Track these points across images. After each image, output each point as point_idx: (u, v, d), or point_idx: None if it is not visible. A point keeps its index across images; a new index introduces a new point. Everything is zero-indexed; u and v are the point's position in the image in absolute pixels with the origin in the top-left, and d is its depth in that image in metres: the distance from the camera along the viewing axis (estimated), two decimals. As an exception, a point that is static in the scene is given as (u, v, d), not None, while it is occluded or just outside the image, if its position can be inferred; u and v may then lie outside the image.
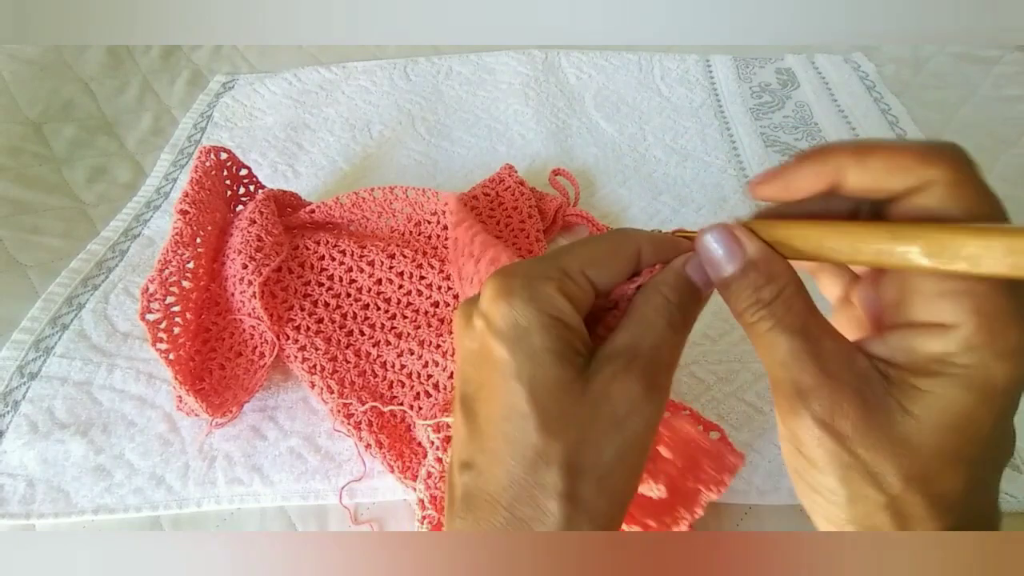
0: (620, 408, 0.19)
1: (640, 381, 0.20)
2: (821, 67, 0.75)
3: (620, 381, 0.19)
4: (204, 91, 0.75)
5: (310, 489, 0.39)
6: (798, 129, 0.67)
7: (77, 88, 0.74)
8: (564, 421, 0.19)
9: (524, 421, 0.19)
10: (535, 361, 0.19)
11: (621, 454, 0.19)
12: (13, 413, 0.43)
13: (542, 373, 0.19)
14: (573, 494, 0.19)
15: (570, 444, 0.19)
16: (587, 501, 0.19)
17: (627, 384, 0.19)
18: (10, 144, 0.66)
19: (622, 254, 0.21)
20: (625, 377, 0.20)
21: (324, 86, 0.75)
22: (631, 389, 0.19)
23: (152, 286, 0.42)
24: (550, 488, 0.19)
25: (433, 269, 0.48)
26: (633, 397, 0.19)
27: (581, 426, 0.19)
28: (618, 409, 0.19)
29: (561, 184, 0.58)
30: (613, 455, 0.19)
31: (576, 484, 0.19)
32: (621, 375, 0.20)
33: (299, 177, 0.63)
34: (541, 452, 0.19)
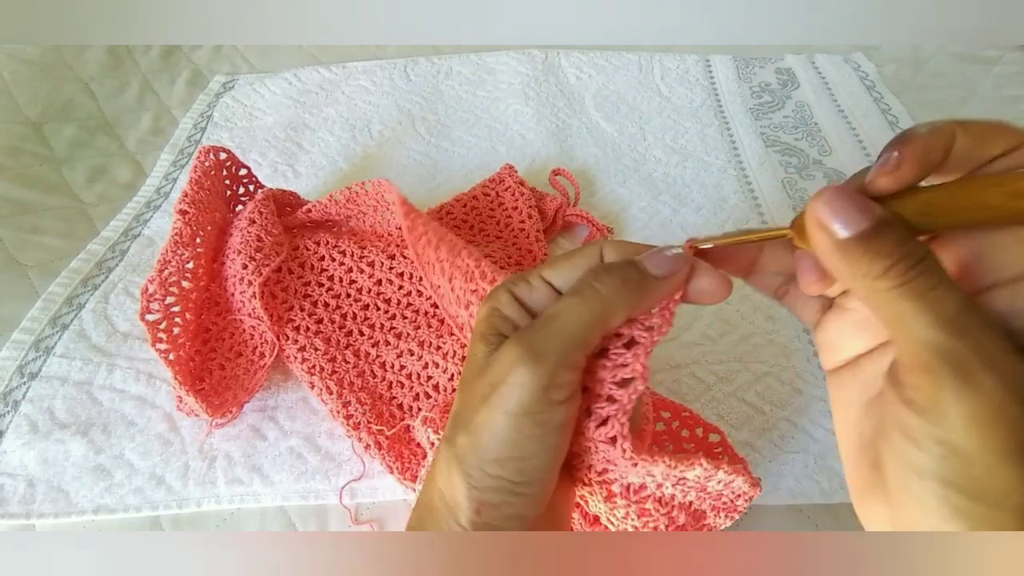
0: (496, 373, 0.21)
1: (519, 347, 0.20)
2: (821, 67, 0.75)
3: (505, 346, 0.21)
4: (204, 91, 0.75)
5: (310, 489, 0.39)
6: (798, 129, 0.67)
7: (77, 88, 0.74)
8: (465, 384, 0.22)
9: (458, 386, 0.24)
10: (472, 343, 0.23)
11: (488, 415, 0.21)
12: (13, 413, 0.43)
13: (473, 351, 0.23)
14: (450, 439, 0.22)
15: (461, 401, 0.22)
16: (458, 448, 0.21)
17: (507, 350, 0.21)
18: (10, 144, 0.66)
19: (579, 256, 0.23)
20: (508, 345, 0.21)
21: (324, 86, 0.75)
22: (508, 354, 0.21)
23: (152, 286, 0.42)
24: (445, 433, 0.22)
25: (433, 269, 0.48)
26: (508, 362, 0.20)
27: (470, 388, 0.22)
28: (495, 374, 0.21)
29: (561, 184, 0.58)
30: (482, 415, 0.21)
31: (454, 433, 0.22)
32: (507, 344, 0.21)
33: (299, 177, 0.63)
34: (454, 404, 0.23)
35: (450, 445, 0.22)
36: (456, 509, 0.21)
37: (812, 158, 0.63)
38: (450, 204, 0.55)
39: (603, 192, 0.60)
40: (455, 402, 0.23)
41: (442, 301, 0.43)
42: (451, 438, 0.22)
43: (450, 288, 0.42)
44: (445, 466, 0.22)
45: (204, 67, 0.80)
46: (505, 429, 0.20)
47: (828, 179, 0.61)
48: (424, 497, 0.23)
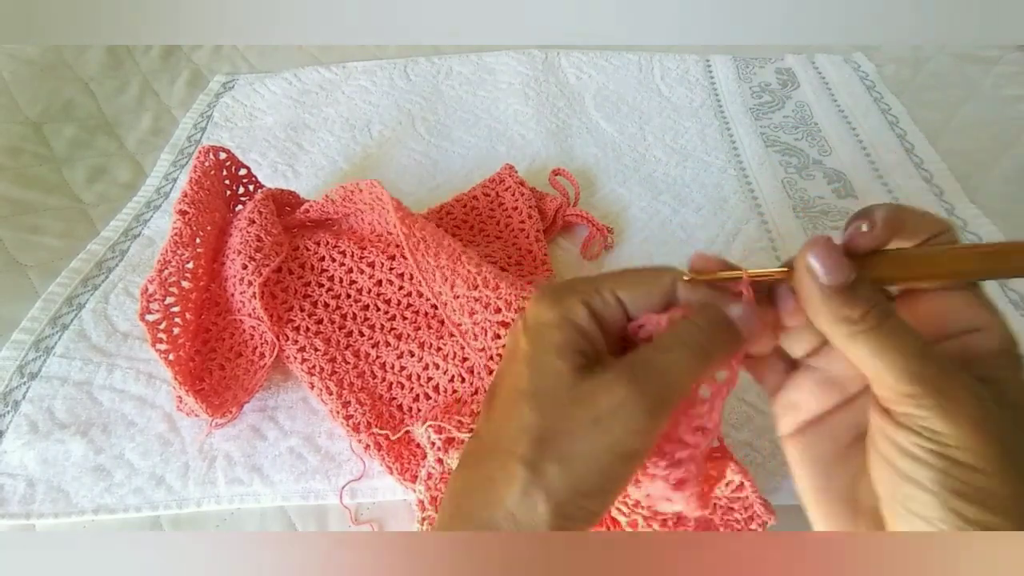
0: (602, 407, 0.20)
1: (629, 387, 0.20)
2: (821, 67, 0.75)
3: (610, 384, 0.21)
4: (204, 91, 0.75)
5: (310, 489, 0.39)
6: (798, 129, 0.67)
7: (77, 88, 0.74)
8: (550, 405, 0.21)
9: (521, 399, 0.22)
10: (544, 352, 0.22)
11: (591, 449, 0.20)
12: (13, 413, 0.43)
13: (547, 362, 0.22)
14: (535, 465, 0.21)
15: (547, 424, 0.21)
16: (547, 478, 0.20)
17: (615, 387, 0.21)
18: (10, 144, 0.66)
19: (656, 283, 0.23)
20: (616, 381, 0.21)
21: (324, 86, 0.75)
22: (617, 392, 0.20)
23: (152, 286, 0.42)
24: (519, 454, 0.21)
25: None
26: (617, 400, 0.20)
27: (562, 413, 0.21)
28: (600, 408, 0.20)
29: (561, 184, 0.58)
30: (582, 448, 0.20)
31: (540, 457, 0.21)
32: (614, 379, 0.21)
33: (299, 177, 0.63)
34: (524, 425, 0.21)
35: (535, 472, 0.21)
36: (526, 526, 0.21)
37: (812, 158, 0.63)
38: (450, 204, 0.55)
39: (603, 192, 0.60)
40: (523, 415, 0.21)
41: (444, 308, 0.43)
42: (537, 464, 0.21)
43: (452, 295, 0.42)
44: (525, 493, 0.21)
45: (204, 67, 0.80)
46: (607, 467, 0.20)
47: (828, 179, 0.61)
48: (480, 514, 0.22)
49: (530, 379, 0.22)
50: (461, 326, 0.42)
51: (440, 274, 0.42)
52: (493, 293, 0.40)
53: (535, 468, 0.21)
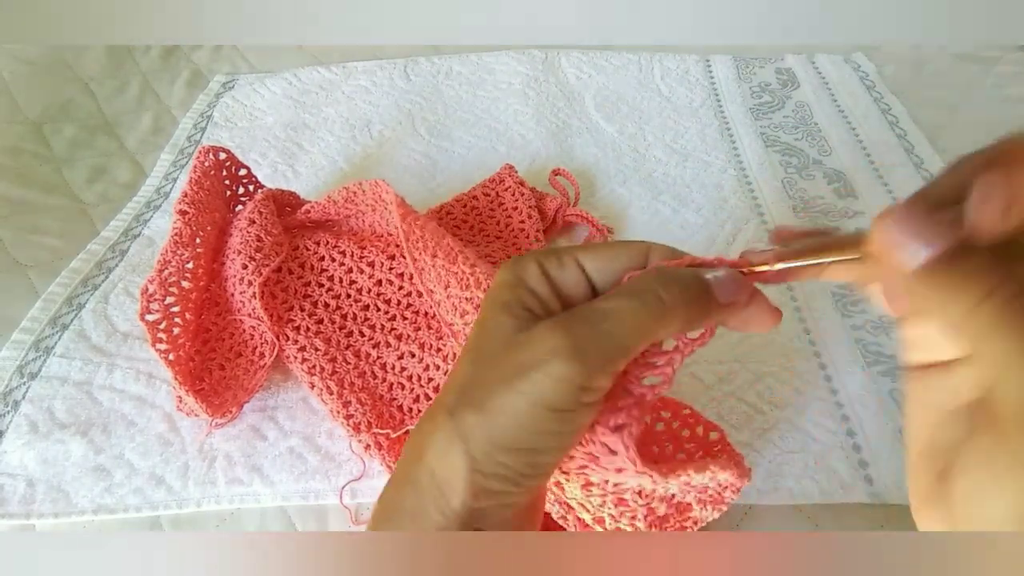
0: (527, 356, 0.19)
1: (561, 334, 0.19)
2: (821, 67, 0.75)
3: (543, 331, 0.19)
4: (204, 91, 0.75)
5: (310, 489, 0.39)
6: (798, 129, 0.67)
7: (77, 88, 0.74)
8: (483, 356, 0.20)
9: (465, 353, 0.21)
10: (491, 309, 0.21)
11: (510, 398, 0.19)
12: (13, 413, 0.43)
13: (491, 318, 0.21)
14: (454, 412, 0.20)
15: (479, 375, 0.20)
16: (465, 427, 0.19)
17: (547, 335, 0.19)
18: (10, 144, 0.66)
19: (621, 250, 0.22)
20: (549, 329, 0.19)
21: (324, 86, 0.75)
22: (547, 340, 0.19)
23: (151, 286, 0.42)
24: (446, 404, 0.20)
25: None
26: (547, 348, 0.19)
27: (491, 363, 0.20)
28: (525, 356, 0.19)
29: (561, 184, 0.58)
30: (503, 397, 0.19)
31: (461, 407, 0.20)
32: (547, 327, 0.19)
33: (299, 177, 0.63)
34: (458, 377, 0.21)
35: (454, 420, 0.20)
36: (449, 491, 0.20)
37: (812, 158, 0.63)
38: (450, 204, 0.55)
39: (603, 192, 0.60)
40: (461, 368, 0.21)
41: (438, 308, 0.43)
42: (456, 412, 0.20)
43: (445, 295, 0.42)
44: (444, 443, 0.20)
45: (204, 67, 0.80)
46: (527, 419, 0.19)
47: (828, 179, 0.61)
48: (406, 470, 0.21)
49: (474, 336, 0.21)
50: (453, 326, 0.42)
51: (436, 273, 0.42)
52: (484, 295, 0.39)
53: (455, 416, 0.20)
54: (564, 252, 0.22)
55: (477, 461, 0.19)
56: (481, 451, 0.19)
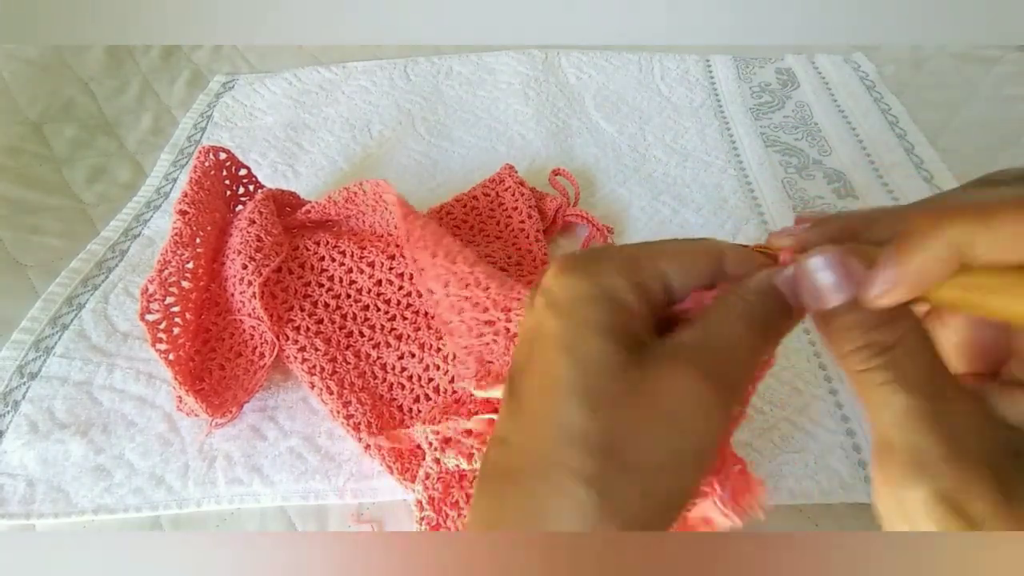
0: (675, 402, 0.17)
1: (702, 376, 0.17)
2: (821, 67, 0.75)
3: (680, 373, 0.17)
4: (204, 91, 0.75)
5: (310, 489, 0.39)
6: (798, 129, 0.67)
7: (77, 88, 0.74)
8: (607, 402, 0.17)
9: (564, 394, 0.17)
10: (586, 334, 0.18)
11: (663, 454, 0.17)
12: (13, 413, 0.43)
13: (592, 347, 0.18)
14: (597, 481, 0.17)
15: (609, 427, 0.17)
16: (617, 493, 0.17)
17: (687, 377, 0.17)
18: (10, 144, 0.66)
19: (701, 254, 0.20)
20: (686, 370, 0.17)
21: (324, 86, 0.75)
22: (690, 383, 0.17)
23: (152, 287, 0.42)
24: (576, 469, 0.17)
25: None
26: (692, 392, 0.17)
27: (625, 412, 0.17)
28: (672, 402, 0.17)
29: (561, 184, 0.58)
30: (653, 453, 0.17)
31: (606, 470, 0.17)
32: (681, 367, 0.17)
33: (299, 177, 0.63)
34: (575, 429, 0.17)
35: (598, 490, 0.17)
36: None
37: (812, 158, 0.63)
38: (450, 204, 0.55)
39: (603, 192, 0.60)
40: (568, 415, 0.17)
41: (437, 308, 0.43)
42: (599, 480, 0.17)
43: (445, 294, 0.42)
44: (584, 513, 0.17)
45: (204, 67, 0.80)
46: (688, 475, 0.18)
47: (828, 179, 0.61)
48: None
49: (570, 369, 0.18)
50: (450, 323, 0.42)
51: (435, 272, 0.42)
52: (484, 293, 0.39)
53: (598, 485, 0.17)
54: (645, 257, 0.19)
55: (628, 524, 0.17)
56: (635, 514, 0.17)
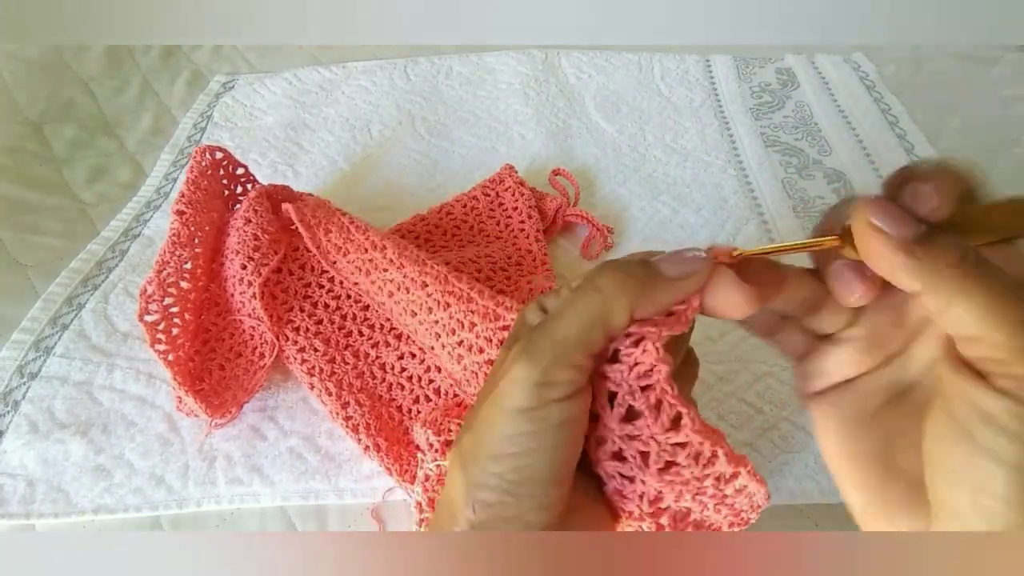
0: (500, 373, 0.20)
1: (520, 346, 0.20)
2: (821, 67, 0.75)
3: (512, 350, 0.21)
4: (204, 91, 0.75)
5: (310, 489, 0.39)
6: (798, 129, 0.67)
7: (77, 88, 0.74)
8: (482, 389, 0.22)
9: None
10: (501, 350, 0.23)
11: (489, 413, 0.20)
12: (13, 413, 0.43)
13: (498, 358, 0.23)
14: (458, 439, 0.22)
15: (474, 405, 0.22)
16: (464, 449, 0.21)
17: (512, 352, 0.20)
18: (10, 144, 0.66)
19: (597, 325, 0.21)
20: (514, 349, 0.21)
21: (324, 86, 0.75)
22: (511, 355, 0.20)
23: (150, 287, 0.42)
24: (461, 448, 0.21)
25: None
26: (511, 361, 0.20)
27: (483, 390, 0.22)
28: (500, 374, 0.20)
29: (561, 184, 0.58)
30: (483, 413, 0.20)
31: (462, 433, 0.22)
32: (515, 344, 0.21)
33: (299, 177, 0.63)
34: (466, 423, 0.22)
35: (457, 446, 0.22)
36: (456, 509, 0.21)
37: (812, 158, 0.63)
38: (450, 204, 0.55)
39: (603, 192, 0.60)
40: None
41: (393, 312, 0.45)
42: (459, 439, 0.22)
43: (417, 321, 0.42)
44: (451, 468, 0.22)
45: (204, 67, 0.80)
46: (503, 425, 0.20)
47: (828, 179, 0.61)
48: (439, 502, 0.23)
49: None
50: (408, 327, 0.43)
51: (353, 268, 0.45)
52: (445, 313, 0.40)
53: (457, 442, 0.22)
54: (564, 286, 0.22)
55: (471, 477, 0.20)
56: (474, 467, 0.20)
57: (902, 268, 0.19)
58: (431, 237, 0.53)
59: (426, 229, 0.54)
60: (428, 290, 0.41)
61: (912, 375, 0.22)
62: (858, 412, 0.22)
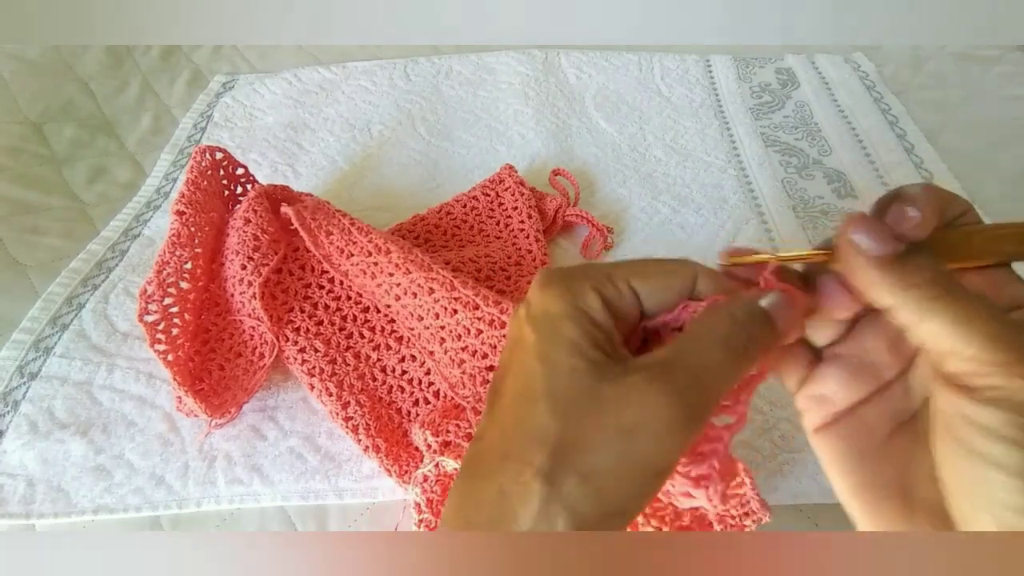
0: (631, 416, 0.18)
1: (665, 393, 0.18)
2: (821, 67, 0.75)
3: (640, 389, 0.18)
4: (204, 91, 0.75)
5: (310, 489, 0.39)
6: (798, 129, 0.67)
7: (77, 88, 0.74)
8: (569, 409, 0.19)
9: (534, 399, 0.19)
10: (557, 346, 0.19)
11: (618, 464, 0.18)
12: (13, 413, 0.43)
13: (561, 359, 0.19)
14: (554, 479, 0.18)
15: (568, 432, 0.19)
16: (569, 495, 0.18)
17: (647, 394, 0.18)
18: (10, 144, 0.66)
19: (673, 274, 0.21)
20: (647, 387, 0.18)
21: (324, 86, 0.75)
22: (650, 400, 0.18)
23: (150, 288, 0.42)
24: (536, 466, 0.18)
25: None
26: (653, 407, 0.18)
27: (583, 420, 0.19)
28: (629, 417, 0.18)
29: (561, 184, 0.58)
30: (608, 461, 0.18)
31: (559, 470, 0.18)
32: (643, 383, 0.18)
33: (299, 177, 0.63)
34: (540, 431, 0.19)
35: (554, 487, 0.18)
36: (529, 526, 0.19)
37: (812, 158, 0.63)
38: (450, 204, 0.55)
39: (603, 192, 0.60)
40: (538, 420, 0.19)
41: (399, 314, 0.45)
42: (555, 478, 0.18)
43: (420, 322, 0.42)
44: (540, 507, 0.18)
45: (204, 67, 0.80)
46: (642, 485, 0.18)
47: (828, 179, 0.61)
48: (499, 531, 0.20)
49: (543, 377, 0.19)
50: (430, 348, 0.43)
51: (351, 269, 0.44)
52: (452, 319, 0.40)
53: (555, 483, 0.18)
54: (618, 276, 0.21)
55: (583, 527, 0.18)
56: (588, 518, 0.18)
57: (877, 283, 0.19)
58: (431, 237, 0.53)
59: (426, 229, 0.54)
60: (435, 296, 0.41)
61: (914, 403, 0.22)
62: (865, 444, 0.22)
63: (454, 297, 0.41)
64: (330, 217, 0.47)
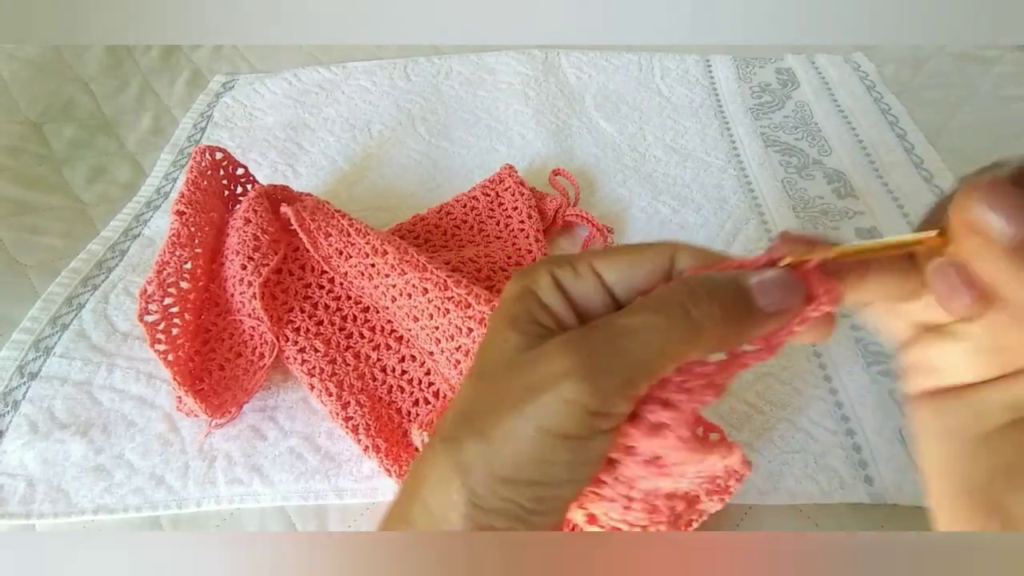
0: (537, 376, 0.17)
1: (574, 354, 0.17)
2: (821, 67, 0.75)
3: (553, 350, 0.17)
4: (204, 91, 0.75)
5: (310, 489, 0.39)
6: (798, 129, 0.67)
7: (77, 88, 0.74)
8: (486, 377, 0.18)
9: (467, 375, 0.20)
10: (497, 324, 0.19)
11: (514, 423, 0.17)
12: (13, 413, 0.43)
13: (496, 335, 0.19)
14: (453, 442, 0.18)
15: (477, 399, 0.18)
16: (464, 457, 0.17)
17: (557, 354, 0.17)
18: (10, 144, 0.66)
19: (641, 253, 0.20)
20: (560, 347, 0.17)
21: (324, 86, 0.75)
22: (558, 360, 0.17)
23: (150, 288, 0.42)
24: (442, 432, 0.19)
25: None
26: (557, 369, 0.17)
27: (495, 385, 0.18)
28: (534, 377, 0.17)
29: (561, 184, 0.58)
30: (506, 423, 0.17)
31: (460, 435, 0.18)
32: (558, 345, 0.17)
33: (299, 177, 0.63)
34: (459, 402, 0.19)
35: (453, 450, 0.18)
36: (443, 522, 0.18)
37: (812, 158, 0.63)
38: (450, 204, 0.55)
39: (603, 192, 0.60)
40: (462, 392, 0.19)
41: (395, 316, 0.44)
42: (455, 440, 0.18)
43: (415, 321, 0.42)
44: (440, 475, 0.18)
45: (204, 67, 0.80)
46: (534, 448, 0.17)
47: (828, 179, 0.61)
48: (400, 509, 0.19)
49: (478, 355, 0.19)
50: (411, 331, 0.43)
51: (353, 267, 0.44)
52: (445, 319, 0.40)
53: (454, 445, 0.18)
54: (579, 259, 0.19)
55: (477, 495, 0.17)
56: (482, 484, 0.17)
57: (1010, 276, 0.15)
58: (431, 237, 0.53)
59: (426, 229, 0.54)
60: (429, 296, 0.41)
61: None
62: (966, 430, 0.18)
63: (447, 296, 0.41)
64: (329, 218, 0.47)
